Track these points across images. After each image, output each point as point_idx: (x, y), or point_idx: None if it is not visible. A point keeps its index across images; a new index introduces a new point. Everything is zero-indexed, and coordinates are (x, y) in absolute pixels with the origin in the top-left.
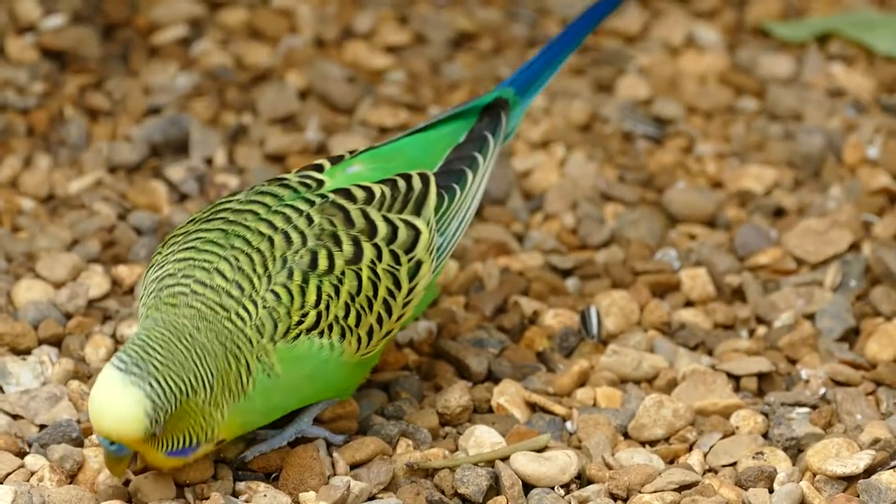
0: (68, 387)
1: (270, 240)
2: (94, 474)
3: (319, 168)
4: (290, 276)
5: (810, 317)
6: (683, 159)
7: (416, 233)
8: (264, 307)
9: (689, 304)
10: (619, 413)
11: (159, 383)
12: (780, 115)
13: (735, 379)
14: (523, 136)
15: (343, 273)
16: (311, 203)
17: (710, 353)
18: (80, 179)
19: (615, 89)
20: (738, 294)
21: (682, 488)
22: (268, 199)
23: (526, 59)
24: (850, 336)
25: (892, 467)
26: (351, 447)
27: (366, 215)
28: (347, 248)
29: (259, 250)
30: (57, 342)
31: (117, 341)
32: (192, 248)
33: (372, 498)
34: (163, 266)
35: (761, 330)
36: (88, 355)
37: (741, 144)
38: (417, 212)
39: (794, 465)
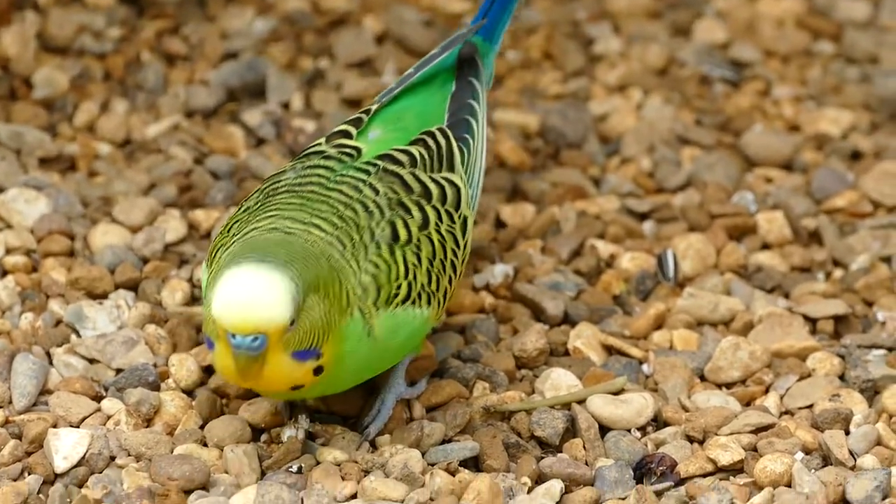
0: (144, 331)
1: (352, 208)
2: (170, 418)
3: (348, 135)
4: (379, 248)
5: (887, 259)
6: (760, 103)
7: (457, 189)
8: (366, 272)
9: (765, 246)
10: (696, 356)
11: (294, 269)
12: (856, 59)
13: (811, 321)
14: (600, 80)
15: (419, 240)
16: (367, 172)
17: (786, 295)
18: (156, 124)
19: (692, 33)
20: (815, 237)
21: (758, 430)
22: (322, 172)
23: None
24: None
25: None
26: (427, 390)
27: (418, 179)
28: (416, 214)
29: (345, 216)
30: (133, 286)
31: (194, 285)
32: (274, 215)
33: (448, 441)
34: (233, 235)
35: (838, 272)
36: (165, 299)
37: (818, 88)
38: (451, 168)
39: (870, 406)
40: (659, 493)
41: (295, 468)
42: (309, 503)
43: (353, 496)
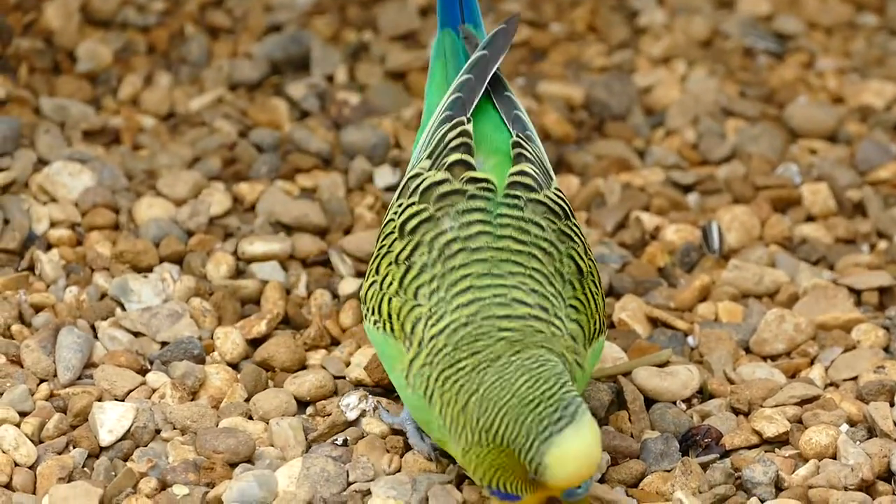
0: (189, 304)
1: (534, 256)
2: (215, 391)
3: (471, 166)
4: (574, 288)
5: None
6: (804, 75)
7: (565, 199)
8: (570, 320)
9: (810, 218)
10: (741, 328)
11: None
12: None
13: (856, 293)
14: (644, 53)
15: (589, 266)
16: (517, 207)
17: (831, 267)
18: (200, 97)
19: (736, 5)
20: (859, 208)
21: (803, 402)
22: (481, 217)
23: None
24: None
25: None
26: None
27: (553, 200)
28: (577, 239)
29: (534, 270)
30: (178, 259)
31: (238, 258)
32: (469, 287)
33: None
34: (437, 316)
35: (882, 244)
36: (210, 272)
37: (862, 60)
38: (551, 176)
39: None
40: (704, 466)
41: (340, 441)
42: (354, 476)
43: (398, 470)
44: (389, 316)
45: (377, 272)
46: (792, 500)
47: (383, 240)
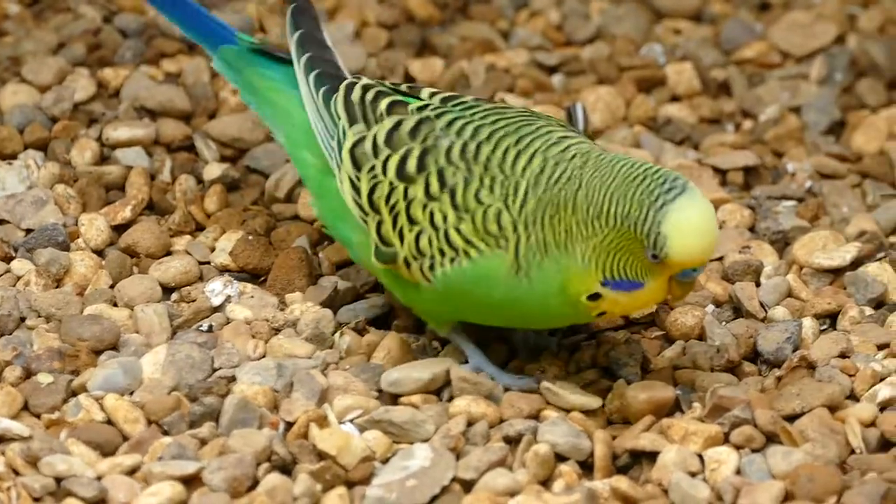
0: (54, 191)
1: (529, 121)
2: (80, 278)
3: (404, 102)
4: None
5: (796, 110)
6: None
7: None
8: None
9: (674, 98)
10: None
11: None
12: None
13: (721, 173)
14: None
15: None
16: (469, 105)
17: (695, 147)
18: None
19: None
20: (724, 88)
21: None
22: (463, 120)
23: None
24: (836, 129)
25: (879, 259)
26: (336, 247)
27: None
28: None
29: (545, 125)
30: (43, 146)
31: (103, 144)
32: (518, 155)
33: (359, 297)
34: (512, 194)
35: (747, 124)
36: (74, 159)
37: None
38: None
39: (780, 258)
40: (572, 348)
41: (205, 327)
42: (219, 362)
43: (264, 355)
44: (468, 241)
45: (414, 222)
46: (658, 381)
47: (389, 202)
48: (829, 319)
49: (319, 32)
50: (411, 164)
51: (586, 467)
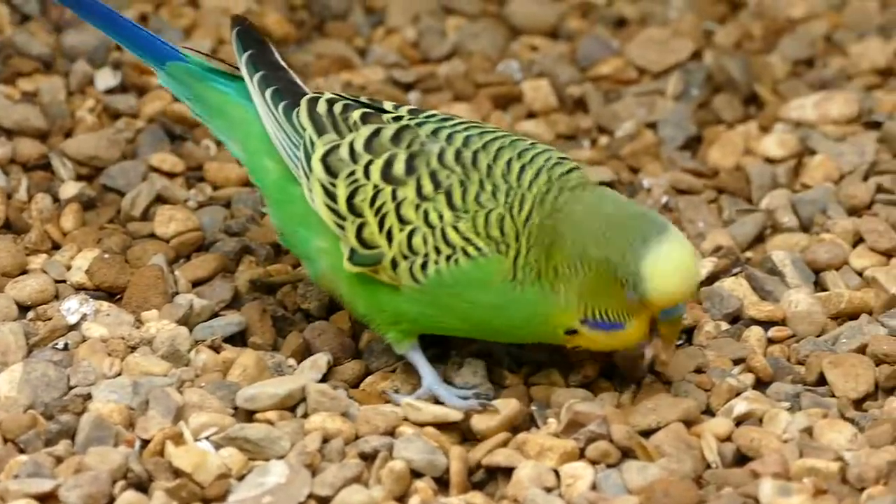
0: None
1: (510, 135)
2: None
3: (381, 110)
4: None
5: (652, 126)
6: None
7: None
8: None
9: (531, 115)
10: None
11: None
12: None
13: None
14: None
15: None
16: (443, 118)
17: None
18: None
19: None
20: (580, 104)
21: None
22: (448, 129)
23: None
24: (692, 144)
25: (734, 274)
26: (192, 265)
27: None
28: None
29: (524, 139)
30: None
31: None
32: (523, 168)
33: (215, 315)
34: (518, 204)
35: (603, 139)
36: None
37: None
38: None
39: None
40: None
41: (61, 345)
42: (75, 380)
43: (120, 373)
44: (467, 238)
45: (406, 221)
46: (513, 397)
47: (375, 204)
48: (686, 334)
49: (270, 53)
50: (398, 168)
51: (442, 483)
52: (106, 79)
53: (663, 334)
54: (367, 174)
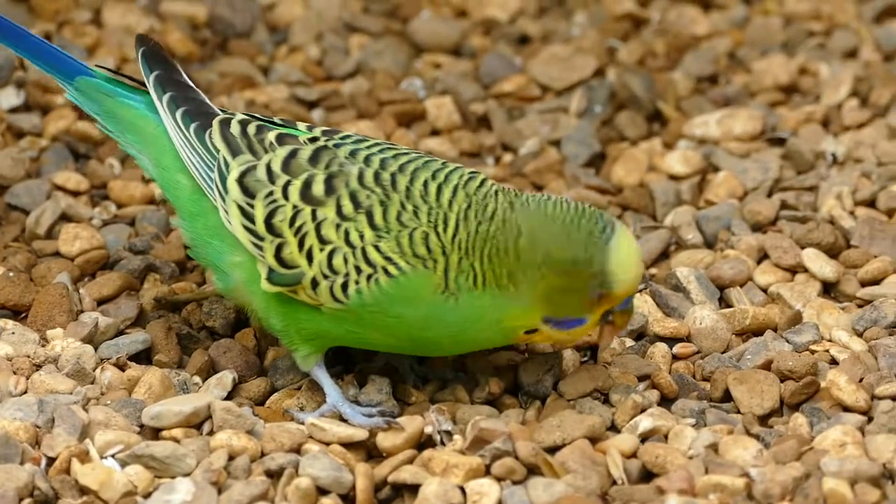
0: None
1: (424, 156)
2: None
3: (294, 133)
4: None
5: (556, 143)
6: None
7: None
8: None
9: (434, 132)
10: None
11: None
12: None
13: None
14: None
15: None
16: (357, 139)
17: None
18: None
19: None
20: (484, 122)
21: None
22: (364, 150)
23: None
24: (596, 161)
25: (639, 291)
26: (97, 283)
27: None
28: None
29: (435, 159)
30: None
31: None
32: (440, 187)
33: (120, 333)
34: (442, 221)
35: (507, 157)
36: None
37: None
38: None
39: None
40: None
41: None
42: None
43: (25, 391)
44: (388, 258)
45: (326, 241)
46: (419, 413)
47: (294, 224)
48: (590, 351)
49: (177, 73)
50: (317, 188)
51: (348, 500)
52: (9, 98)
53: (618, 323)
54: (285, 194)
